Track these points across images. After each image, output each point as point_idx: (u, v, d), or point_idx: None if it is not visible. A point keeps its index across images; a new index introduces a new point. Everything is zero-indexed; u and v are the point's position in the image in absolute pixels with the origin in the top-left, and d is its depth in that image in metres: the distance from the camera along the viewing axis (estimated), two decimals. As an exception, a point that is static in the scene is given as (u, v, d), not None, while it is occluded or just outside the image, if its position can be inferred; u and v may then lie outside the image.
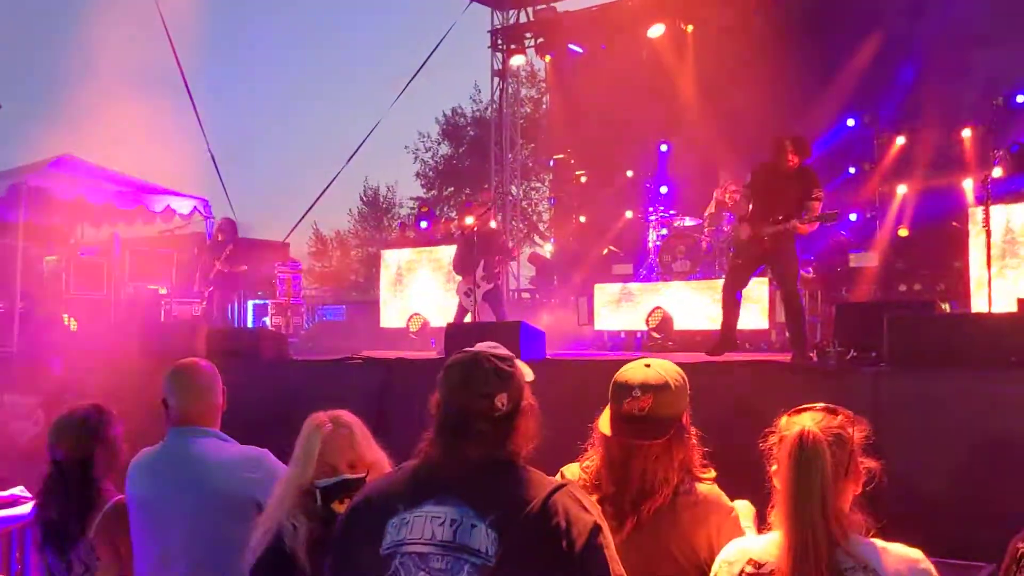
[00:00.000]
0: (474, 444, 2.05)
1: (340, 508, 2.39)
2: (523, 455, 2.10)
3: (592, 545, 1.95)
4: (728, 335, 6.81)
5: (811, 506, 1.97)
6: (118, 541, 3.17)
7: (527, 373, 2.20)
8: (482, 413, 2.06)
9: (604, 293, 11.08)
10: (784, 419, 2.14)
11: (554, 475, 2.48)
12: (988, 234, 7.02)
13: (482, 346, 2.19)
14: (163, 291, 12.15)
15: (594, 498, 2.33)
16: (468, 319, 9.28)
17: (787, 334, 6.87)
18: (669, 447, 2.38)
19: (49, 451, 3.30)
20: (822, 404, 2.15)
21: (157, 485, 3.04)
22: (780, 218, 6.51)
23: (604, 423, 2.43)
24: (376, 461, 2.56)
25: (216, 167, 14.16)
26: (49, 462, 3.30)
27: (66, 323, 11.11)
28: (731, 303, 6.86)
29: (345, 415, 2.59)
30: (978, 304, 8.17)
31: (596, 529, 1.98)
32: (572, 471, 2.50)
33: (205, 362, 3.28)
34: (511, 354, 2.19)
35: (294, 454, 2.53)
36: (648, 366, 2.44)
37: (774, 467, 2.12)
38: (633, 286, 11.02)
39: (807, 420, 2.09)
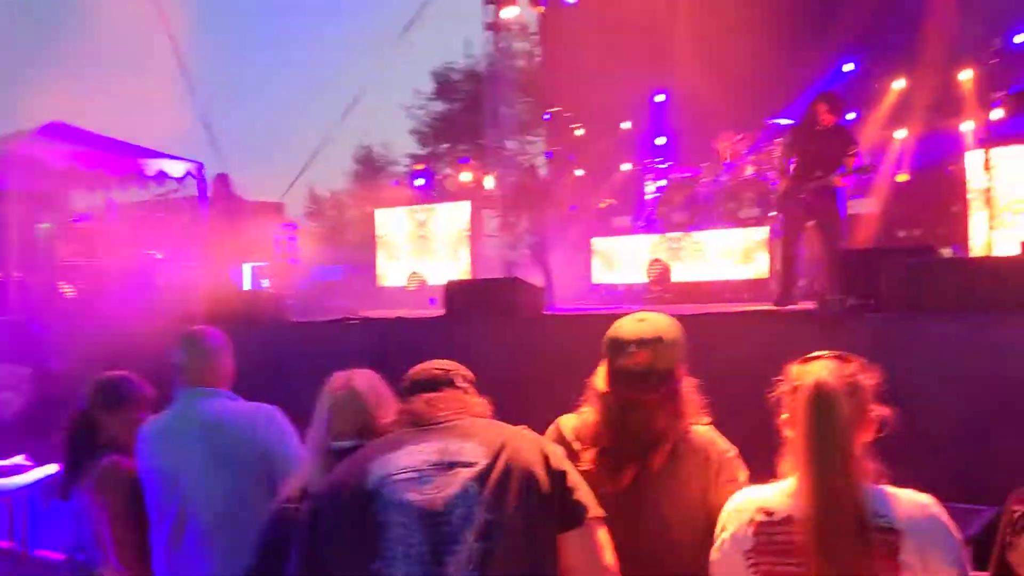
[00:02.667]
0: (444, 404, 2.24)
1: None
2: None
3: (565, 464, 2.13)
4: (789, 288, 6.93)
5: (831, 456, 1.95)
6: (119, 504, 3.17)
7: None
8: (449, 383, 2.31)
9: (602, 246, 11.05)
10: (795, 368, 2.11)
11: (549, 427, 2.54)
12: (989, 178, 6.96)
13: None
14: (159, 256, 12.09)
15: (591, 453, 2.37)
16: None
17: (826, 277, 7.02)
18: (667, 399, 2.38)
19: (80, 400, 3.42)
20: (833, 352, 2.12)
21: (169, 447, 3.06)
22: (819, 175, 6.80)
23: (600, 379, 2.43)
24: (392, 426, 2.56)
25: (208, 128, 14.04)
26: (74, 411, 3.41)
27: (62, 290, 11.07)
28: (791, 257, 7.08)
29: (360, 380, 2.58)
30: (978, 248, 8.14)
31: (564, 455, 2.19)
32: (568, 423, 2.50)
33: (214, 329, 3.33)
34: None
35: (315, 414, 2.55)
36: (642, 320, 2.44)
37: (784, 415, 2.09)
38: (631, 238, 10.98)
39: (820, 369, 2.06)
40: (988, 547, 2.75)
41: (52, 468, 4.22)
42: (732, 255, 9.95)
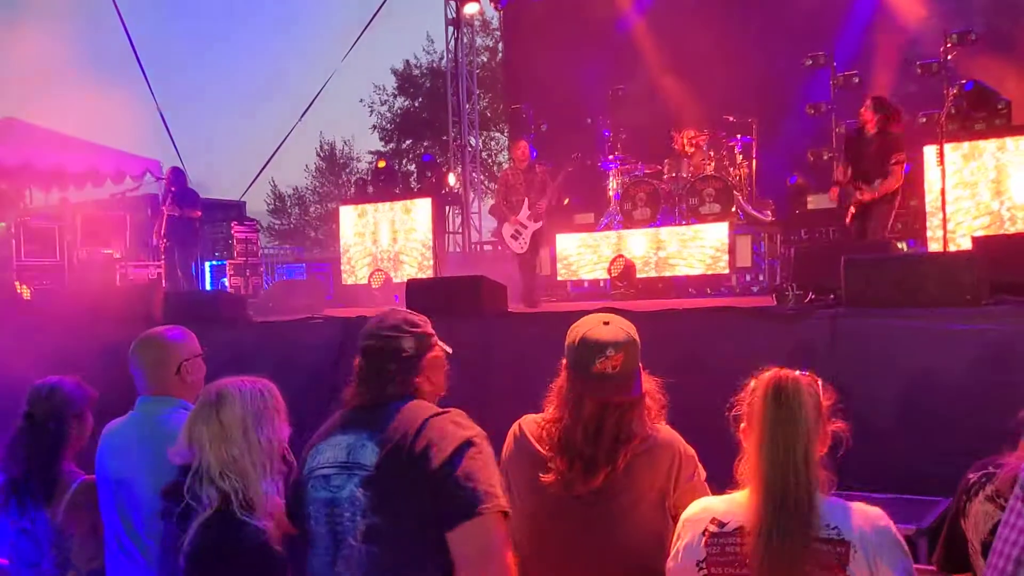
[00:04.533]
0: (385, 382, 2.27)
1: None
2: (429, 395, 2.32)
3: (457, 455, 2.09)
4: None
5: (793, 451, 1.93)
6: (95, 519, 3.09)
7: (446, 348, 2.45)
8: (391, 354, 2.29)
9: (566, 243, 11.08)
10: (753, 381, 2.11)
11: (511, 425, 2.54)
12: (943, 172, 7.08)
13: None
14: (117, 255, 11.91)
15: (564, 458, 2.36)
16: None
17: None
18: (639, 399, 2.41)
19: (27, 405, 3.21)
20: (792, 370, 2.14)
21: (120, 457, 3.01)
22: (860, 184, 7.30)
23: (570, 384, 2.41)
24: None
25: (166, 126, 13.86)
26: (23, 417, 3.20)
27: (18, 291, 10.87)
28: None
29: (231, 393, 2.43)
30: (934, 242, 8.28)
31: (466, 444, 2.13)
32: (530, 425, 2.50)
33: (174, 330, 3.19)
34: (424, 318, 2.41)
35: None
36: (607, 323, 2.43)
37: (742, 425, 2.09)
38: (595, 235, 11.02)
39: (778, 369, 2.07)
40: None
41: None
42: (694, 251, 10.04)
